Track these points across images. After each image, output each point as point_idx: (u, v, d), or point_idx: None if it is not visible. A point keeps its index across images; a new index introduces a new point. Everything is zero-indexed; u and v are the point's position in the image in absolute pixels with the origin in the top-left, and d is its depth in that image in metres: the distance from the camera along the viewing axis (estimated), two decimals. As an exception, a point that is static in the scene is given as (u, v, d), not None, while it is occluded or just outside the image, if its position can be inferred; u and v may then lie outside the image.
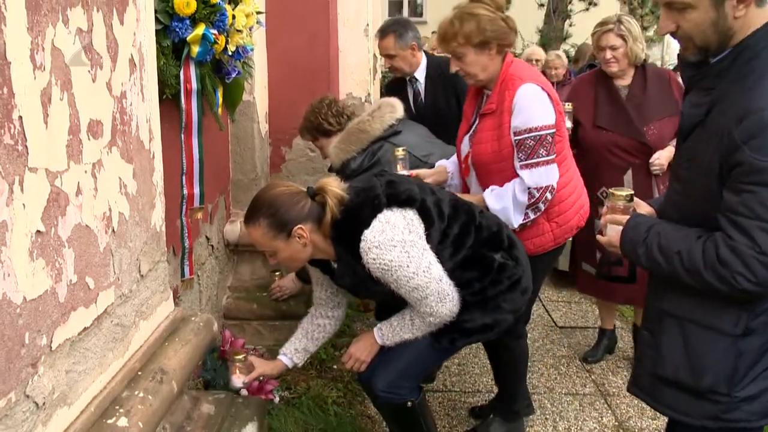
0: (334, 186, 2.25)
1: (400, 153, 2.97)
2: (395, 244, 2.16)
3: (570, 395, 3.55)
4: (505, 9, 2.75)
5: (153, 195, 1.99)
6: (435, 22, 4.22)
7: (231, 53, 2.69)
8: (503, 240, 2.44)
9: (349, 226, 2.21)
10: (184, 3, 2.34)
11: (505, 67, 2.67)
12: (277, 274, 3.55)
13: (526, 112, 2.58)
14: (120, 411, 1.67)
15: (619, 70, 3.55)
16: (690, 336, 1.69)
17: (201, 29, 2.42)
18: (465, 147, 2.86)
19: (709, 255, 1.56)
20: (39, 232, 1.37)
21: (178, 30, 2.37)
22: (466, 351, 3.86)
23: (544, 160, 2.60)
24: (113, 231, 1.71)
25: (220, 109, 2.86)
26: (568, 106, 3.70)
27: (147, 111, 1.94)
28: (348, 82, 4.56)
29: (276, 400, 2.88)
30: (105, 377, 1.70)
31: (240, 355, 2.49)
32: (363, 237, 2.17)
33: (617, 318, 4.24)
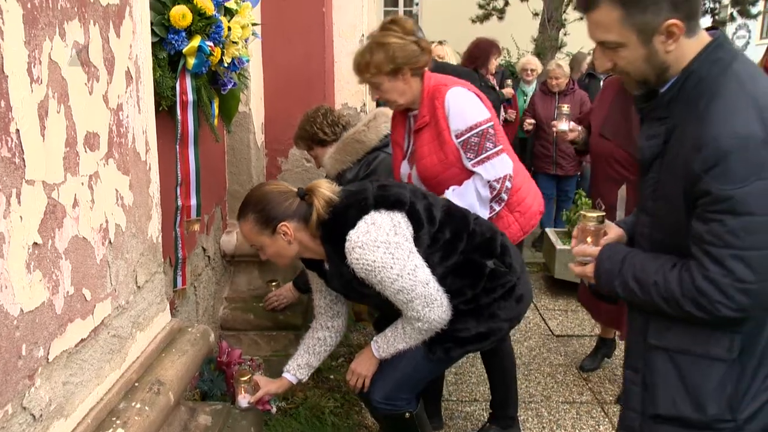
0: (323, 188, 2.29)
1: (564, 109, 3.45)
2: (378, 245, 2.17)
3: (567, 404, 3.55)
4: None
5: (149, 206, 2.00)
6: (430, 32, 4.24)
7: (227, 65, 2.70)
8: (496, 247, 2.45)
9: (336, 226, 2.23)
10: (180, 15, 2.36)
11: (427, 82, 2.77)
12: (274, 284, 3.54)
13: (461, 112, 2.68)
14: (117, 422, 1.68)
15: None
16: (683, 367, 1.63)
17: (197, 41, 2.43)
18: (405, 169, 2.93)
19: (686, 284, 1.53)
20: (36, 244, 1.37)
21: (174, 42, 2.38)
22: (463, 360, 3.85)
23: (493, 152, 2.69)
24: (110, 242, 1.71)
25: (216, 121, 2.87)
26: (565, 108, 3.75)
27: (143, 123, 1.95)
28: (343, 92, 4.58)
29: (273, 410, 2.88)
30: (102, 389, 1.70)
31: (245, 377, 2.50)
32: (348, 237, 2.19)
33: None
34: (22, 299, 1.33)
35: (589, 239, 1.79)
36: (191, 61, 2.45)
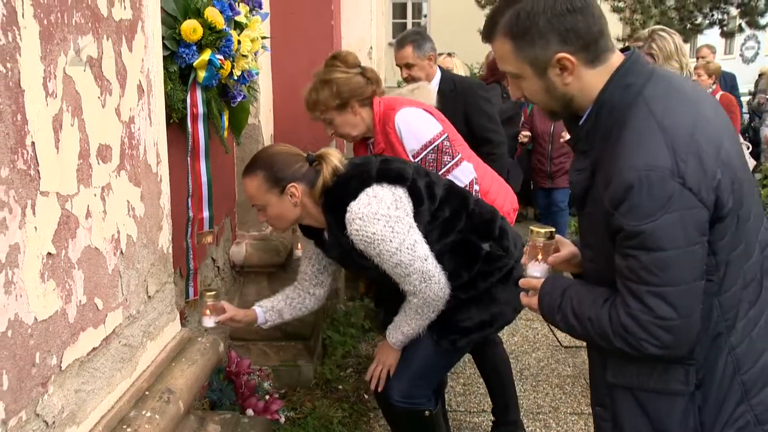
0: (333, 156, 2.32)
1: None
2: (379, 217, 2.18)
3: (575, 415, 3.55)
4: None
5: (160, 217, 2.03)
6: (439, 44, 4.27)
7: (236, 78, 2.74)
8: (494, 230, 2.45)
9: (338, 196, 2.25)
10: (190, 30, 2.40)
11: (377, 109, 2.84)
12: (210, 294, 2.54)
13: (413, 132, 2.74)
14: (127, 430, 1.70)
15: None
16: (646, 404, 1.57)
17: (207, 55, 2.47)
18: None
19: (614, 321, 1.47)
20: (50, 254, 1.40)
21: (184, 56, 2.42)
22: (471, 371, 3.86)
23: (452, 164, 2.74)
24: (121, 253, 1.74)
25: (225, 133, 2.91)
26: None
27: (154, 135, 1.98)
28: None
29: (281, 420, 2.89)
30: (113, 397, 1.72)
31: (211, 293, 2.45)
32: (348, 208, 2.21)
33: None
34: (36, 308, 1.35)
35: (540, 256, 1.75)
36: (202, 74, 2.49)
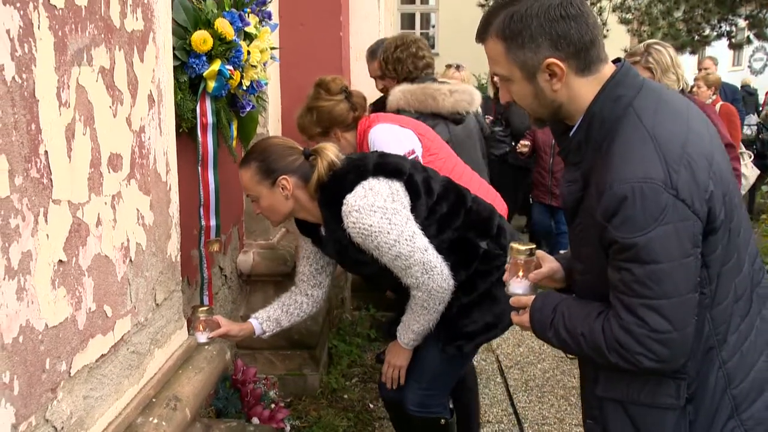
0: (329, 151, 2.31)
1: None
2: (375, 210, 2.17)
3: (580, 426, 3.52)
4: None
5: (169, 226, 2.05)
6: (447, 54, 4.29)
7: (246, 88, 2.76)
8: (492, 227, 2.45)
9: (334, 190, 2.25)
10: (201, 40, 2.43)
11: (360, 129, 2.90)
12: (203, 309, 2.41)
13: (382, 148, 2.72)
14: (135, 437, 1.71)
15: None
16: (636, 418, 1.56)
17: (217, 65, 2.49)
18: None
19: (609, 336, 1.46)
20: (61, 261, 1.42)
21: (195, 66, 2.44)
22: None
23: None
24: (131, 261, 1.76)
25: (234, 142, 2.93)
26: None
27: (164, 144, 2.01)
28: (360, 114, 4.63)
29: (287, 429, 2.90)
30: (120, 403, 1.74)
31: (204, 308, 2.41)
32: (345, 201, 2.20)
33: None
34: (47, 314, 1.37)
35: (521, 272, 1.73)
36: (211, 84, 2.51)
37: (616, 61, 1.55)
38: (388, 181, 2.27)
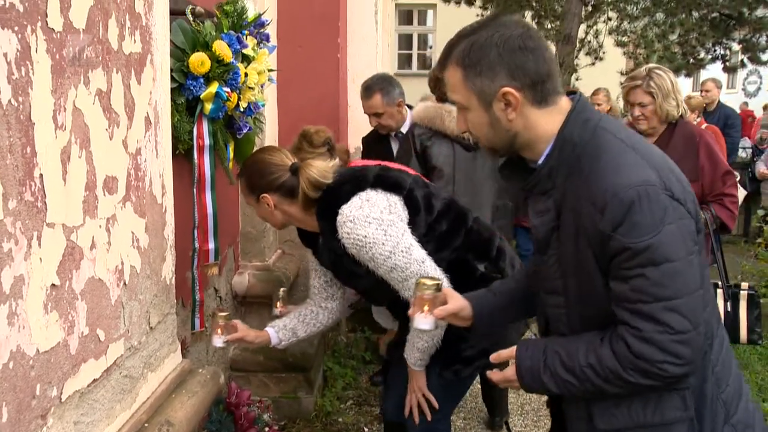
0: (312, 168, 2.27)
1: None
2: (371, 221, 2.15)
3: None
4: None
5: (164, 248, 2.04)
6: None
7: (243, 110, 2.76)
8: (491, 250, 2.42)
9: (330, 201, 2.23)
10: (198, 62, 2.43)
11: None
12: (223, 315, 2.55)
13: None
14: (126, 463, 1.69)
15: (649, 128, 3.31)
16: None
17: (214, 87, 2.49)
18: None
19: (623, 355, 1.43)
20: (54, 285, 1.41)
21: (192, 88, 2.44)
22: (472, 404, 3.83)
23: None
24: (125, 284, 1.75)
25: (231, 164, 2.93)
26: None
27: (160, 166, 2.00)
28: (357, 137, 4.64)
29: (281, 453, 2.86)
30: (112, 429, 1.71)
31: (224, 314, 2.44)
32: (340, 211, 2.18)
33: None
34: (38, 339, 1.36)
35: (426, 307, 1.73)
36: (208, 106, 2.51)
37: (570, 94, 1.59)
38: (386, 194, 2.25)
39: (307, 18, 4.04)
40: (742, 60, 13.60)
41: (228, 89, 2.56)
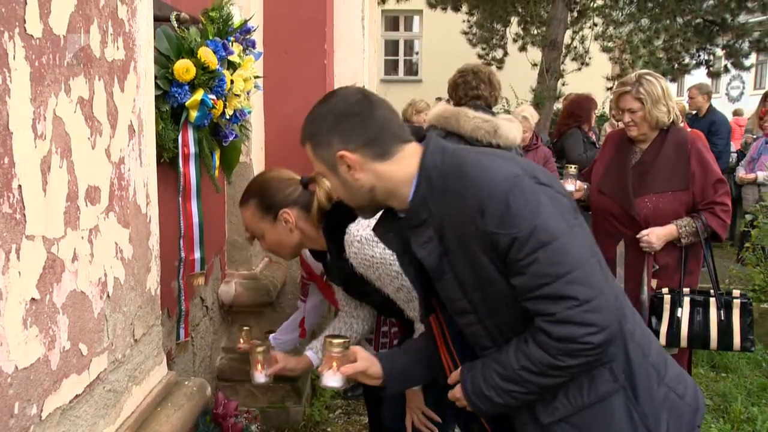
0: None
1: (572, 170, 3.45)
2: (378, 241, 2.10)
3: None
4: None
5: (149, 259, 2.00)
6: (430, 81, 4.30)
7: (228, 117, 2.73)
8: None
9: (338, 218, 2.19)
10: (183, 69, 2.40)
11: None
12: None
13: None
14: (109, 481, 1.64)
15: (639, 134, 3.28)
16: (589, 424, 1.60)
17: (200, 95, 2.46)
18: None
19: (547, 344, 1.50)
20: (33, 299, 1.36)
21: (177, 95, 2.41)
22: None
23: None
24: (108, 296, 1.71)
25: (216, 172, 2.89)
26: (572, 168, 3.60)
27: (145, 176, 1.96)
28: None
29: (269, 465, 2.82)
30: (95, 445, 1.67)
31: (261, 348, 2.39)
32: (347, 230, 2.15)
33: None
34: (17, 356, 1.31)
35: (335, 364, 1.78)
36: (194, 114, 2.48)
37: (421, 139, 1.67)
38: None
39: (294, 24, 4.00)
40: (725, 65, 13.71)
41: (213, 96, 2.53)
